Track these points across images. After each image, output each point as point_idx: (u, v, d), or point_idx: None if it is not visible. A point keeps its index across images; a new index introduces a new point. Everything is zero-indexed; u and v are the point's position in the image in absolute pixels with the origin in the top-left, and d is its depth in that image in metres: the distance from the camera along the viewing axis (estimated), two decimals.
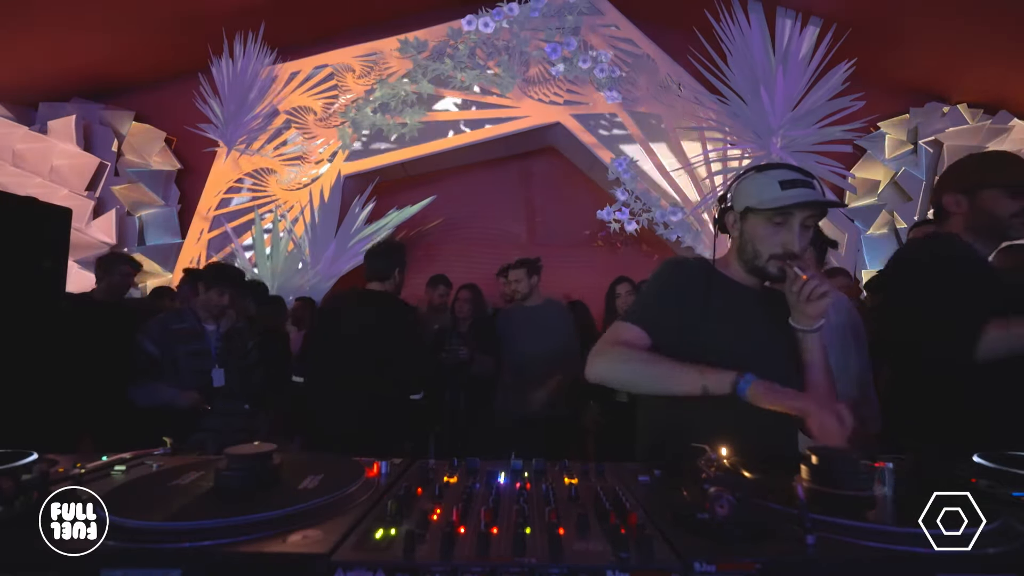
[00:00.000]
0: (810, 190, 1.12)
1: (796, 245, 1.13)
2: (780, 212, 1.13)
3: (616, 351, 1.15)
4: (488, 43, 4.69)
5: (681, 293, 1.20)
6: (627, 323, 1.18)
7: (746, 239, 1.20)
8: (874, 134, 4.95)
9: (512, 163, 5.24)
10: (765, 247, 1.16)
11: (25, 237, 2.04)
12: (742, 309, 1.21)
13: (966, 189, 1.43)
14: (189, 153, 5.13)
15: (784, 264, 1.14)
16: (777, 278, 1.18)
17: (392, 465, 0.99)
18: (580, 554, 0.63)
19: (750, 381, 1.00)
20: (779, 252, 1.15)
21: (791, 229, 1.13)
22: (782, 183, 1.13)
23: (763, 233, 1.16)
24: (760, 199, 1.15)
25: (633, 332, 1.17)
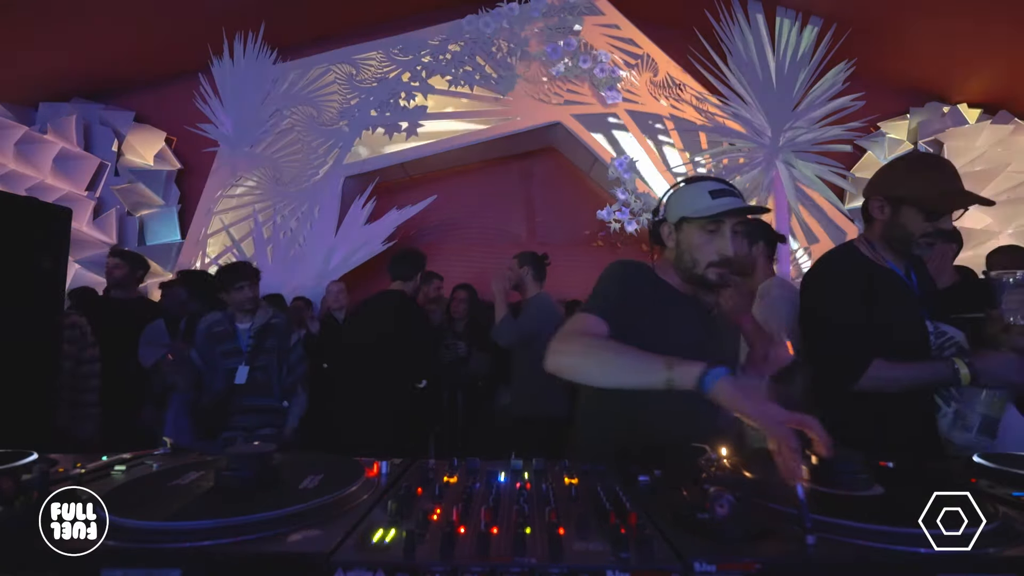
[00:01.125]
0: (738, 199, 1.19)
1: (730, 250, 1.19)
2: (713, 220, 1.18)
3: (580, 341, 1.10)
4: (488, 43, 4.69)
5: (633, 291, 1.21)
6: (591, 315, 1.14)
7: (683, 249, 1.24)
8: (874, 134, 4.95)
9: (512, 163, 5.24)
10: (702, 255, 1.20)
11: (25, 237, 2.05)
12: (681, 316, 1.24)
13: (891, 198, 1.42)
14: (189, 153, 5.13)
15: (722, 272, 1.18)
16: (716, 285, 1.22)
17: (392, 465, 0.99)
18: (580, 554, 0.63)
19: (717, 376, 0.90)
20: (716, 259, 1.19)
21: (724, 236, 1.19)
22: (712, 193, 1.19)
23: (698, 241, 1.21)
24: (694, 208, 1.20)
25: (594, 322, 1.13)
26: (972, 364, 1.27)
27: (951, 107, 4.88)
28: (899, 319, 1.41)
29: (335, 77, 4.90)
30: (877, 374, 1.34)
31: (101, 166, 4.89)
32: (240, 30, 4.73)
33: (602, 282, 1.24)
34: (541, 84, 4.73)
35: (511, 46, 4.69)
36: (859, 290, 1.42)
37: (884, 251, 1.47)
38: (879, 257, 1.47)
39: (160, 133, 5.12)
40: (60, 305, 2.32)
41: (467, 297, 3.49)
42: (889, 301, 1.41)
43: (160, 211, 5.04)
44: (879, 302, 1.40)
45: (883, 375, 1.34)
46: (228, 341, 2.45)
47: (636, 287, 1.22)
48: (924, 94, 4.98)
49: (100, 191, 4.88)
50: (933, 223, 1.37)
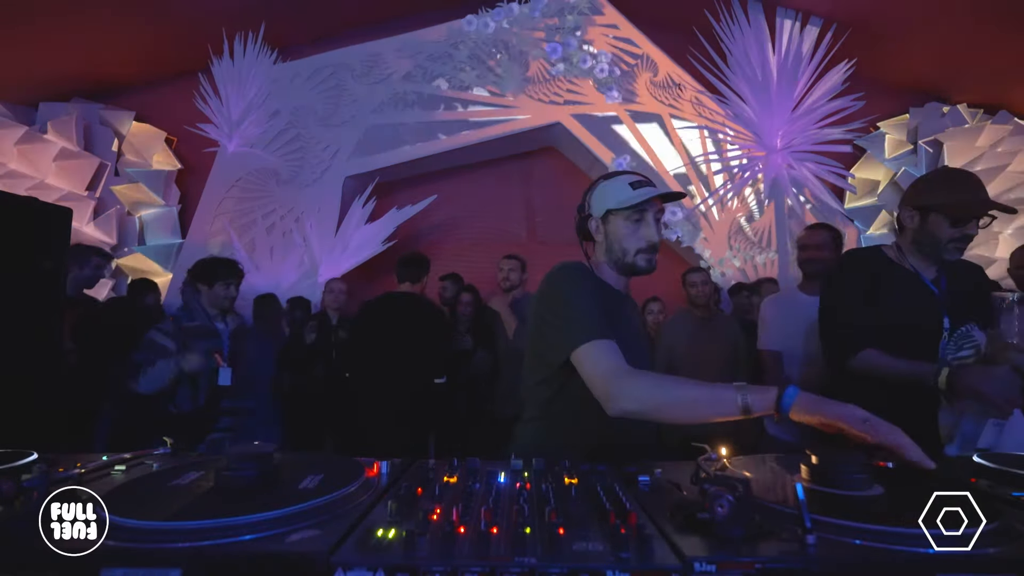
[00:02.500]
0: (654, 187, 1.27)
1: (656, 236, 1.27)
2: (637, 209, 1.25)
3: (633, 381, 1.06)
4: (488, 43, 4.69)
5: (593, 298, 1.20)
6: (598, 341, 1.11)
7: (611, 240, 1.30)
8: (874, 134, 4.95)
9: (512, 163, 5.24)
10: (631, 243, 1.28)
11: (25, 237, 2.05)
12: (620, 311, 1.29)
13: (920, 207, 1.55)
14: (189, 153, 5.12)
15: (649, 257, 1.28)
16: (646, 271, 1.30)
17: (392, 465, 0.99)
18: (580, 554, 0.63)
19: (793, 395, 0.94)
20: (644, 246, 1.27)
21: (648, 223, 1.27)
22: (632, 184, 1.27)
23: (625, 231, 1.28)
24: (618, 200, 1.26)
25: (614, 349, 1.11)
26: (954, 372, 1.33)
27: (951, 107, 4.88)
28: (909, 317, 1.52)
29: (335, 77, 4.90)
30: (866, 359, 1.51)
31: (101, 166, 4.89)
32: (240, 30, 4.73)
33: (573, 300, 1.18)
34: (541, 84, 4.73)
35: (511, 46, 4.69)
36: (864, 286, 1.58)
37: (912, 256, 1.60)
38: (904, 260, 1.61)
39: (160, 133, 5.12)
40: (60, 305, 2.32)
41: (472, 300, 3.56)
42: (900, 299, 1.54)
43: (160, 211, 5.04)
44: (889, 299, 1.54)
45: (871, 362, 1.50)
46: (211, 339, 2.40)
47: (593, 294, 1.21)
48: (924, 94, 4.98)
49: (100, 191, 4.88)
50: (960, 229, 1.48)
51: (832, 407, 0.93)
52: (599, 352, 1.11)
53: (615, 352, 1.11)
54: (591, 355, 1.11)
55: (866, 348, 1.51)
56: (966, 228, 1.48)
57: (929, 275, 1.58)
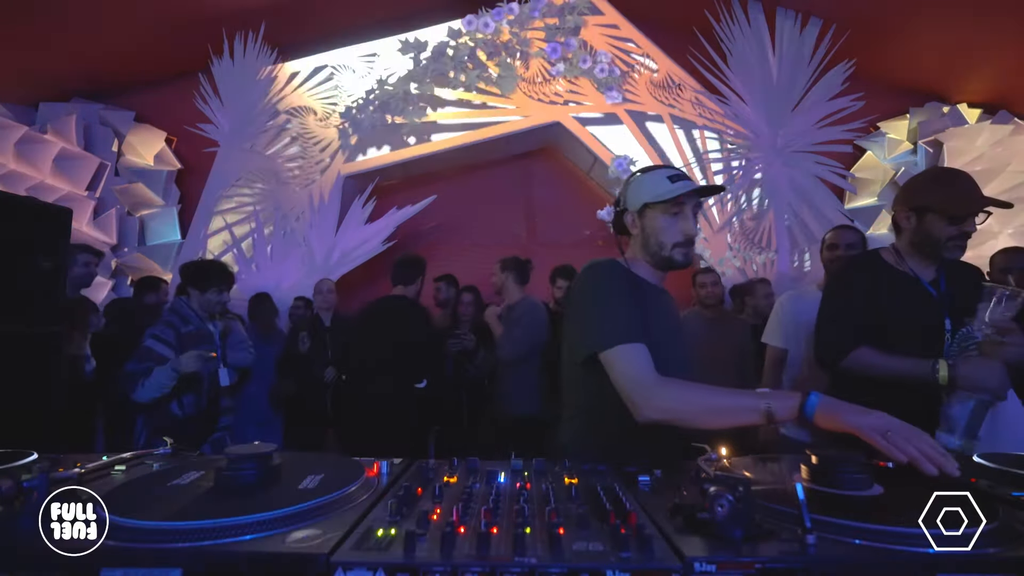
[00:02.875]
0: (692, 181, 1.26)
1: (693, 230, 1.27)
2: (675, 203, 1.24)
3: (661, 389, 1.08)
4: (488, 43, 4.69)
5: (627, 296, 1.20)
6: (627, 345, 1.11)
7: (648, 233, 1.29)
8: (874, 134, 4.95)
9: (512, 163, 5.23)
10: (668, 237, 1.26)
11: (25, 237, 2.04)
12: (657, 306, 1.29)
13: (915, 208, 1.55)
14: (189, 153, 5.12)
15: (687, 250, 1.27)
16: (683, 265, 1.29)
17: (392, 465, 0.99)
18: (580, 554, 0.63)
19: (816, 402, 0.95)
20: (681, 240, 1.26)
21: (687, 217, 1.26)
22: (670, 178, 1.25)
23: (663, 225, 1.26)
24: (655, 193, 1.25)
25: (643, 353, 1.11)
26: (954, 366, 1.35)
27: (951, 107, 4.88)
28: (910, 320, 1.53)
29: (335, 77, 4.90)
30: (861, 358, 1.53)
31: (101, 166, 4.89)
32: (240, 30, 4.73)
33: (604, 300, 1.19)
34: (541, 84, 4.73)
35: (511, 46, 4.69)
36: (862, 289, 1.59)
37: (910, 258, 1.60)
38: (902, 263, 1.61)
39: (160, 133, 5.12)
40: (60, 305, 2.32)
41: (473, 300, 3.57)
42: (900, 303, 1.55)
43: (160, 211, 5.04)
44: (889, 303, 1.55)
45: (866, 360, 1.52)
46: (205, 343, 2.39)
47: (626, 293, 1.21)
48: (924, 94, 4.97)
49: (100, 191, 4.87)
50: (958, 227, 1.48)
51: (853, 416, 0.92)
52: (629, 356, 1.11)
53: (644, 357, 1.11)
54: (621, 359, 1.11)
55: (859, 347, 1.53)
56: (964, 225, 1.48)
57: (928, 277, 1.58)
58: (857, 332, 1.55)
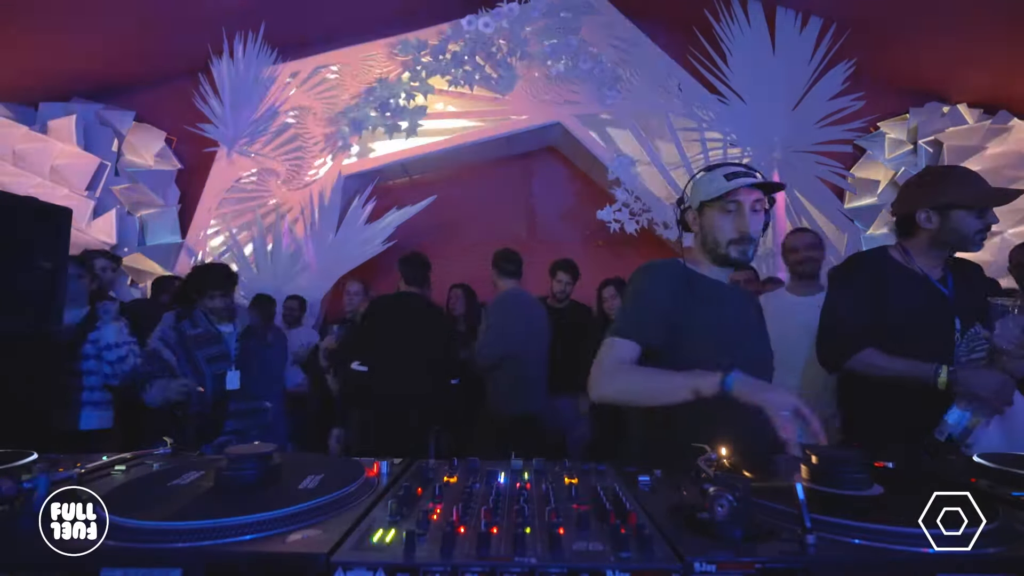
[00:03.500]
0: (752, 177, 1.26)
1: (749, 227, 1.24)
2: (730, 200, 1.24)
3: (612, 373, 1.18)
4: (488, 43, 4.68)
5: (664, 297, 1.24)
6: (618, 339, 1.21)
7: (706, 231, 1.30)
8: (874, 134, 4.95)
9: (512, 163, 5.23)
10: (723, 235, 1.26)
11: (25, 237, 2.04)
12: (721, 302, 1.29)
13: (939, 206, 1.52)
14: (189, 153, 5.12)
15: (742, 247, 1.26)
16: (739, 263, 1.29)
17: (392, 465, 0.99)
18: (580, 554, 0.63)
19: (733, 378, 1.03)
20: (735, 236, 1.25)
21: (742, 214, 1.25)
22: (727, 176, 1.25)
23: (719, 222, 1.27)
24: (711, 190, 1.26)
25: (625, 347, 1.20)
26: (954, 372, 1.36)
27: (951, 107, 4.88)
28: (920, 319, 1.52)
29: (335, 77, 4.89)
30: (866, 359, 1.51)
31: (101, 166, 4.88)
32: (240, 30, 4.72)
33: (633, 294, 1.28)
34: (541, 84, 4.73)
35: (511, 46, 4.68)
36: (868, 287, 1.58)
37: (920, 257, 1.58)
38: (910, 262, 1.59)
39: (160, 133, 5.12)
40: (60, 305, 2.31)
41: (463, 294, 3.60)
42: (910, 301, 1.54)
43: (160, 211, 5.04)
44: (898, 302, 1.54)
45: (870, 361, 1.51)
46: (214, 345, 2.35)
47: (670, 292, 1.25)
48: (924, 94, 4.97)
49: (100, 191, 4.87)
50: (983, 220, 1.50)
51: (762, 392, 0.99)
52: (612, 347, 1.21)
53: (624, 351, 1.19)
54: (605, 347, 1.22)
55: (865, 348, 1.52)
56: (987, 218, 1.50)
57: (935, 276, 1.57)
58: (861, 334, 1.53)
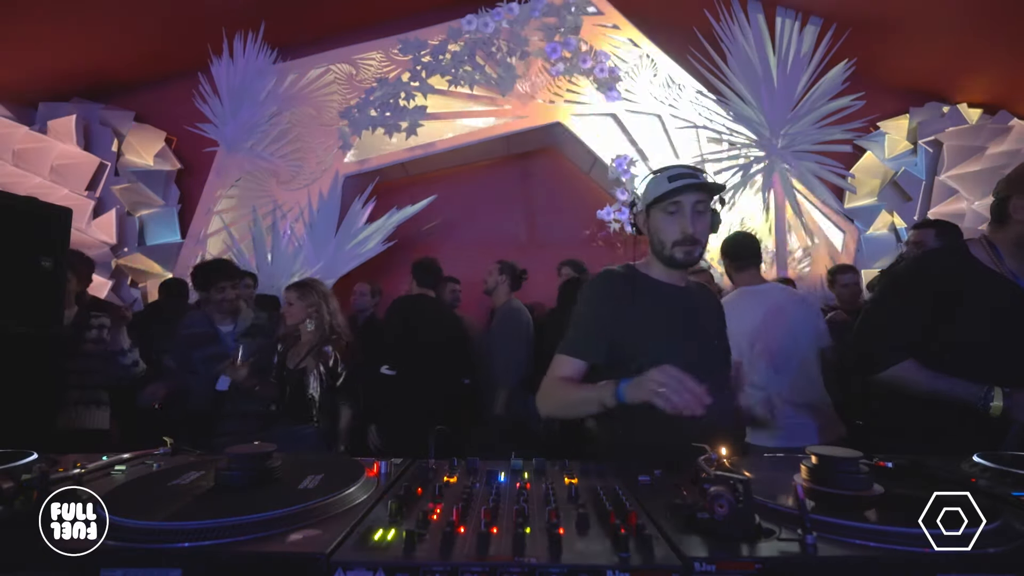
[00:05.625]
0: (693, 178, 1.26)
1: (691, 228, 1.26)
2: (672, 202, 1.26)
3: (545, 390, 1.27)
4: (488, 43, 4.68)
5: (611, 306, 1.28)
6: (563, 356, 1.28)
7: (653, 233, 1.33)
8: (874, 134, 4.95)
9: (512, 163, 5.23)
10: (666, 235, 1.29)
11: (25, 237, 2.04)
12: (668, 306, 1.32)
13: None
14: (189, 153, 5.12)
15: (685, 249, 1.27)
16: (684, 264, 1.30)
17: (392, 465, 0.99)
18: (580, 554, 0.63)
19: (623, 387, 1.07)
20: (679, 238, 1.27)
21: (684, 215, 1.26)
22: (670, 178, 1.27)
23: (663, 224, 1.29)
24: (655, 193, 1.29)
25: (568, 365, 1.27)
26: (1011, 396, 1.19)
27: (951, 107, 4.88)
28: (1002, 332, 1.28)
29: (335, 77, 4.89)
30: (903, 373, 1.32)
31: (101, 166, 4.89)
32: (240, 30, 4.72)
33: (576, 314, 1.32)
34: (541, 84, 4.73)
35: (511, 46, 4.68)
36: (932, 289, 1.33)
37: (1013, 258, 1.32)
38: (999, 264, 1.32)
39: (160, 133, 5.12)
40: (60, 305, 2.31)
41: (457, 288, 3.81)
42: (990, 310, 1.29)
43: (160, 211, 5.04)
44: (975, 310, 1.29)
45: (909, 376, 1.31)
46: (210, 345, 2.35)
47: (615, 300, 1.29)
48: (924, 94, 4.97)
49: (100, 191, 4.88)
50: None
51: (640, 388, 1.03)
52: (558, 363, 1.29)
53: (566, 368, 1.27)
54: (554, 363, 1.30)
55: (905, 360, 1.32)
56: None
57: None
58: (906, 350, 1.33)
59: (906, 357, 1.33)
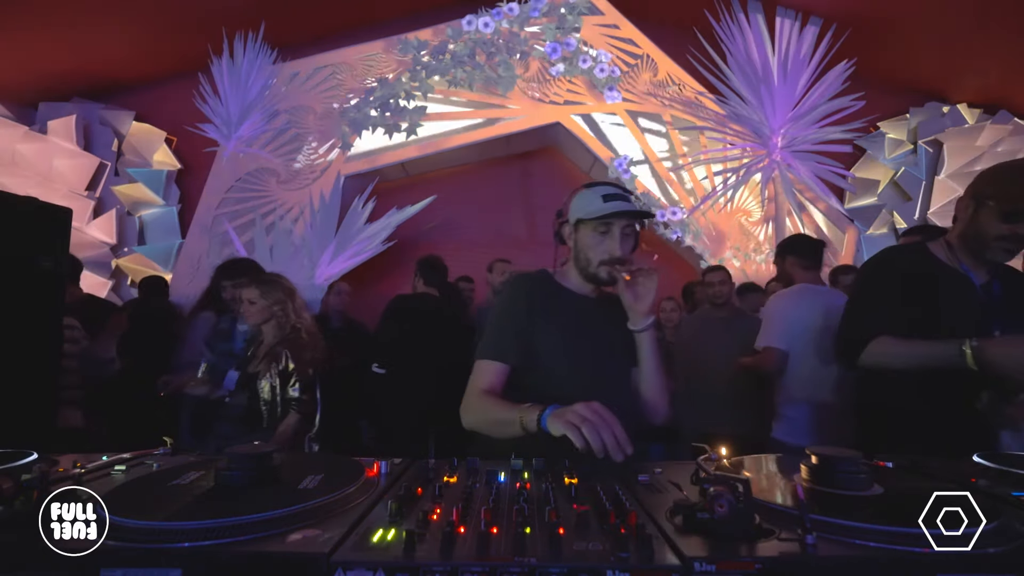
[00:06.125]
0: (626, 203, 1.28)
1: (619, 251, 1.28)
2: (603, 222, 1.28)
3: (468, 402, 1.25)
4: (488, 43, 4.69)
5: (520, 311, 1.29)
6: (484, 361, 1.27)
7: (579, 248, 1.34)
8: (874, 134, 4.95)
9: (512, 163, 5.24)
10: (595, 254, 1.31)
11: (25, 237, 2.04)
12: (577, 315, 1.33)
13: (975, 196, 1.37)
14: (189, 153, 5.13)
15: (612, 269, 1.29)
16: (608, 282, 1.32)
17: (392, 465, 0.99)
18: (580, 554, 0.63)
19: (548, 412, 1.02)
20: (606, 258, 1.29)
21: (614, 237, 1.29)
22: (604, 197, 1.28)
23: (591, 242, 1.31)
24: (587, 211, 1.29)
25: (491, 371, 1.26)
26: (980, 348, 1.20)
27: (951, 107, 4.88)
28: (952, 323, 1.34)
29: (335, 77, 4.90)
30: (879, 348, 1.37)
31: (101, 166, 4.89)
32: (240, 30, 4.73)
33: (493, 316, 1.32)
34: (541, 84, 4.73)
35: (511, 46, 4.69)
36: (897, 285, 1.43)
37: (964, 255, 1.42)
38: (954, 260, 1.42)
39: (160, 133, 5.12)
40: (60, 305, 2.32)
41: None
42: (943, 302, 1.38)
43: (160, 211, 5.04)
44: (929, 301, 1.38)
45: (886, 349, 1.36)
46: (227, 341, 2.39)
47: (527, 307, 1.30)
48: (924, 94, 4.98)
49: (100, 191, 4.88)
50: (1010, 226, 1.30)
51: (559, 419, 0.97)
52: (479, 371, 1.28)
53: (487, 374, 1.26)
54: (475, 371, 1.28)
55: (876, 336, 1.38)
56: (1018, 227, 1.29)
57: (980, 279, 1.40)
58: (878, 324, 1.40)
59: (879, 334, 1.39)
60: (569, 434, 0.93)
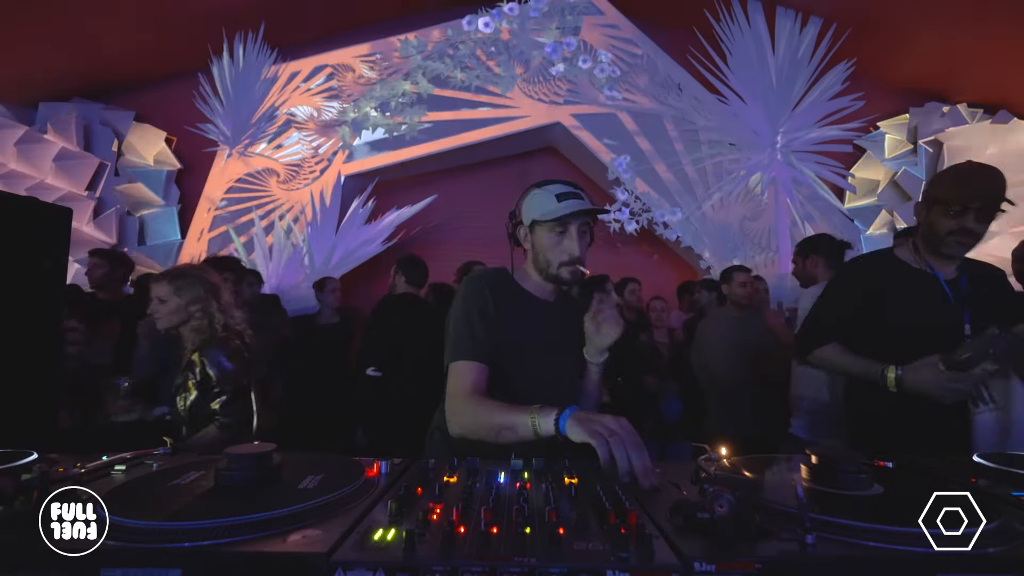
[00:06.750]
0: (581, 200, 1.25)
1: (577, 250, 1.26)
2: (559, 222, 1.25)
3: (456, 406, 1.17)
4: (488, 43, 4.69)
5: (486, 303, 1.26)
6: (462, 362, 1.20)
7: (537, 250, 1.31)
8: (874, 134, 4.95)
9: (512, 163, 5.24)
10: (554, 255, 1.28)
11: (25, 237, 2.04)
12: (538, 319, 1.31)
13: (927, 198, 1.51)
14: (189, 153, 5.13)
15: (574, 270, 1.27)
16: (570, 283, 1.31)
17: (392, 465, 0.99)
18: (580, 554, 0.63)
19: (568, 414, 0.97)
20: (566, 259, 1.27)
21: (571, 236, 1.26)
22: (558, 196, 1.25)
23: (549, 243, 1.28)
24: (542, 212, 1.26)
25: (472, 371, 1.19)
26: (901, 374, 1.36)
27: (951, 107, 4.88)
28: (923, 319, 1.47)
29: (335, 77, 4.90)
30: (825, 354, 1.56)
31: (101, 166, 4.89)
32: (240, 30, 4.73)
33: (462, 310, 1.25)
34: (541, 84, 4.73)
35: (511, 46, 4.69)
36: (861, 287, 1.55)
37: (928, 254, 1.53)
38: (921, 261, 1.53)
39: (160, 133, 5.12)
40: (60, 305, 2.32)
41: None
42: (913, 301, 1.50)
43: (160, 211, 5.04)
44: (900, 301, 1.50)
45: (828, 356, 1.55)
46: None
47: (495, 300, 1.26)
48: (924, 94, 4.98)
49: (100, 191, 4.88)
50: (958, 220, 1.42)
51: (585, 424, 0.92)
52: (458, 373, 1.20)
53: (471, 375, 1.19)
54: (453, 373, 1.21)
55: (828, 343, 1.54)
56: (963, 220, 1.41)
57: (947, 276, 1.51)
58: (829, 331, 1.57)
59: (830, 341, 1.56)
60: (594, 443, 0.88)
